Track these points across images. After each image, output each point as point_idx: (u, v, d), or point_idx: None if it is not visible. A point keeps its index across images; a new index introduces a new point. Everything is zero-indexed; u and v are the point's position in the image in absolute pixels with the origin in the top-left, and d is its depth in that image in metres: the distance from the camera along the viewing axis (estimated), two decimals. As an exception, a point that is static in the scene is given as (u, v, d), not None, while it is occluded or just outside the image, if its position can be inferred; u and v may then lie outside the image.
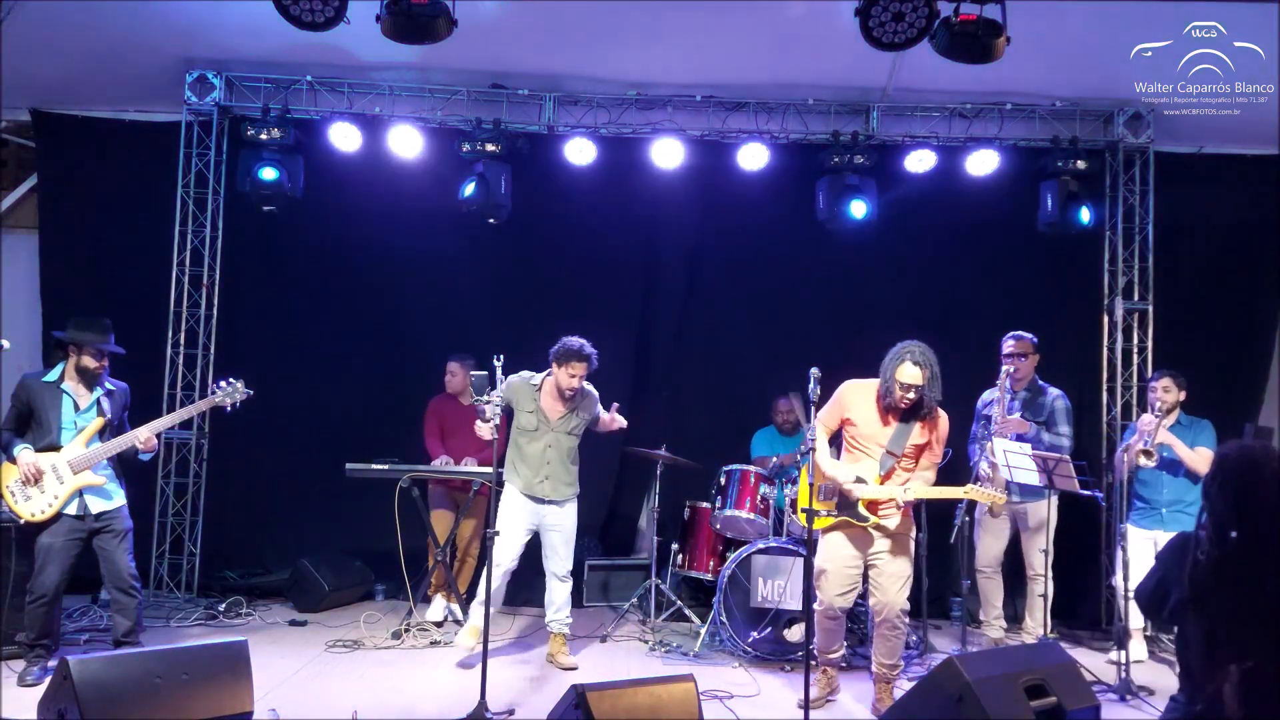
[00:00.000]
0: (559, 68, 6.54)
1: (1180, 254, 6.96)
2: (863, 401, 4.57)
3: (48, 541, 4.71)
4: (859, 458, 4.57)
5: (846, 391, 4.64)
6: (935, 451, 4.57)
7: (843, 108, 6.80)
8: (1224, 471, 2.69)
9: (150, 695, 3.43)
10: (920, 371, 4.36)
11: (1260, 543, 2.55)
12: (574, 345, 5.11)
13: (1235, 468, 2.67)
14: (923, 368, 4.36)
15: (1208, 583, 2.58)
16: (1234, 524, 2.58)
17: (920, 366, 4.36)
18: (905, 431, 4.43)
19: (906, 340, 4.49)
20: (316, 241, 7.00)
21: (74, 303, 6.54)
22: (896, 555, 4.50)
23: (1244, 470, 2.65)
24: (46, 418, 4.77)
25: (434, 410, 6.41)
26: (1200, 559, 2.61)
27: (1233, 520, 2.59)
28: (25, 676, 4.64)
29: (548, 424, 5.26)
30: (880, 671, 4.63)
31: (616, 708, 3.30)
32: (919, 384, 4.35)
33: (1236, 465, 2.68)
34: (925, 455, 4.55)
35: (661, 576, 6.22)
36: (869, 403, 4.56)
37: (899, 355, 4.42)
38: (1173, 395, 5.58)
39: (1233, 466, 2.68)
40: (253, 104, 6.64)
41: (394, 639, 5.66)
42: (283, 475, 7.03)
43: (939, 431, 4.55)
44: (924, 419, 4.48)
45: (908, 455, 4.49)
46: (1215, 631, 2.56)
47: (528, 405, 5.25)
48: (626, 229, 7.18)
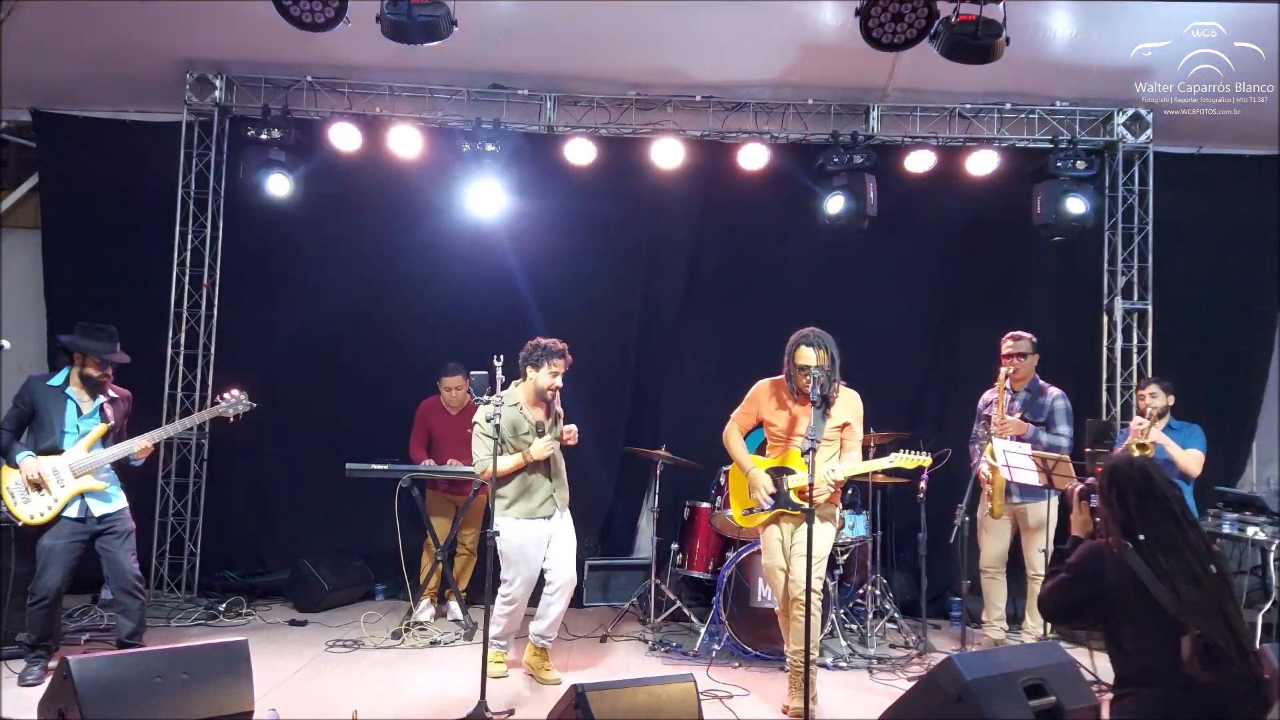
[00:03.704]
0: (559, 68, 6.54)
1: (1180, 254, 6.96)
2: (775, 396, 4.69)
3: (49, 543, 4.72)
4: (784, 450, 4.65)
5: (759, 389, 4.76)
6: (855, 429, 4.64)
7: (843, 108, 6.81)
8: (1118, 484, 2.93)
9: (150, 695, 3.43)
10: (815, 353, 4.44)
11: (1165, 539, 2.82)
12: (551, 344, 4.90)
13: (1128, 479, 2.92)
14: (817, 349, 4.45)
15: (1130, 583, 2.80)
16: (1139, 530, 2.84)
17: (815, 348, 4.45)
18: (820, 417, 4.45)
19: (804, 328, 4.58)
20: (317, 241, 7.01)
21: (76, 302, 6.56)
22: (816, 536, 4.46)
23: (1137, 480, 2.91)
24: (49, 421, 4.80)
25: (421, 418, 6.40)
26: (1120, 565, 2.84)
27: (1137, 526, 2.85)
28: (26, 676, 4.65)
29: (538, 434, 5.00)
30: (793, 661, 4.59)
31: (616, 708, 3.30)
32: (814, 365, 4.41)
33: (1129, 476, 2.92)
34: (847, 435, 4.62)
35: (661, 576, 6.21)
36: (781, 397, 4.66)
37: (795, 340, 4.54)
38: (1160, 401, 5.58)
39: (1125, 478, 2.92)
40: (253, 104, 6.64)
41: (394, 639, 5.66)
42: (283, 475, 7.04)
43: (853, 408, 4.63)
44: (835, 400, 4.53)
45: (828, 440, 4.53)
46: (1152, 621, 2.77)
47: (523, 426, 4.91)
48: (626, 229, 7.18)
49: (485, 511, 4.88)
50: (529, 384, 4.94)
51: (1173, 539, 2.82)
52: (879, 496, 6.11)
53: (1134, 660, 2.82)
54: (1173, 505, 2.89)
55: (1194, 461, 5.44)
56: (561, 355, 4.91)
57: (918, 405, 7.10)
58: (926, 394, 7.17)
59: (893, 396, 6.71)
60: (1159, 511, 2.86)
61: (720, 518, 5.82)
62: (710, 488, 6.04)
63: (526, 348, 4.94)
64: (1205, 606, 2.70)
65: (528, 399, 4.96)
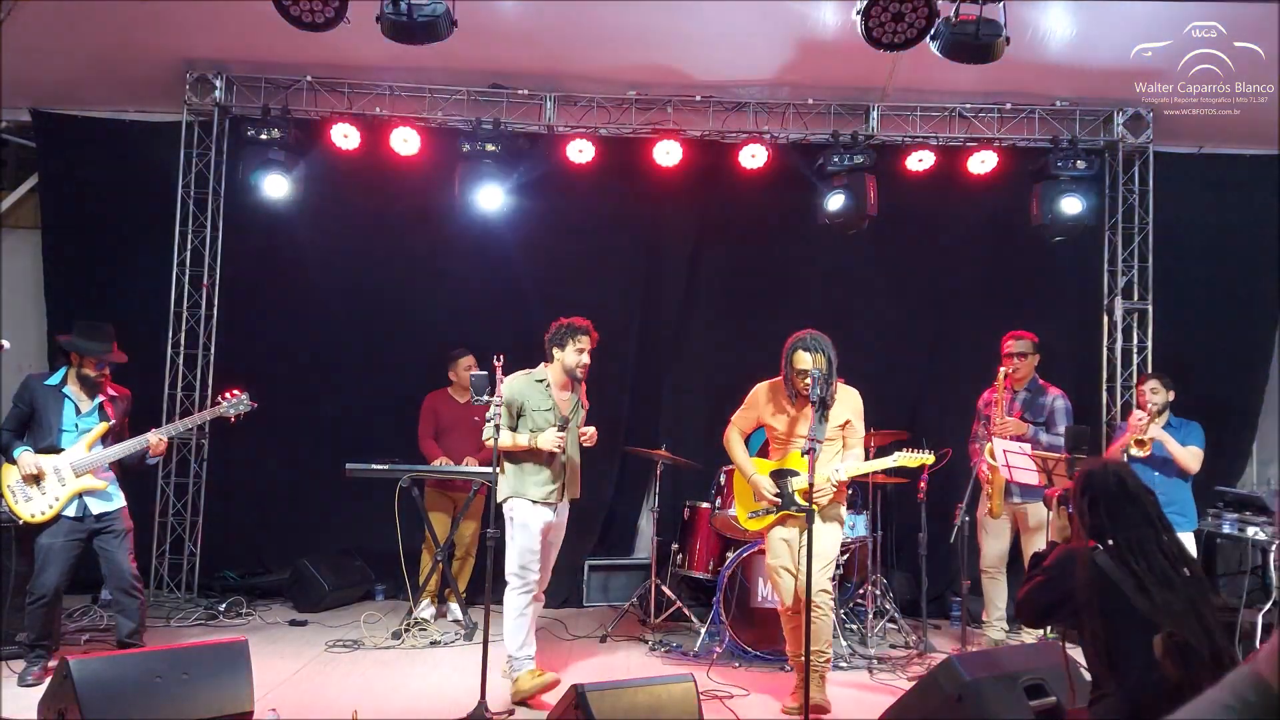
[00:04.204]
0: (559, 68, 6.54)
1: (1180, 254, 6.96)
2: (774, 399, 4.68)
3: (48, 542, 4.71)
4: (785, 452, 4.65)
5: (757, 392, 4.76)
6: (856, 426, 4.65)
7: (843, 108, 6.80)
8: (1092, 488, 2.97)
9: (150, 695, 3.44)
10: (811, 356, 4.44)
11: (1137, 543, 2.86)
12: (575, 321, 4.78)
13: (1102, 483, 2.96)
14: (813, 353, 4.45)
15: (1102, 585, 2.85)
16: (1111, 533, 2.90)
17: (811, 352, 4.45)
18: (821, 417, 4.45)
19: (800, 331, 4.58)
20: (317, 241, 7.00)
21: (75, 302, 6.57)
22: (822, 536, 4.48)
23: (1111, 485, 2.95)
24: (48, 420, 4.79)
25: (429, 407, 6.39)
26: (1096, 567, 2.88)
27: (1108, 531, 2.91)
28: (25, 676, 4.65)
29: (561, 419, 4.84)
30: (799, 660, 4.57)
31: (616, 708, 3.30)
32: (810, 368, 4.41)
33: (1103, 481, 2.97)
34: (849, 433, 4.62)
35: (661, 576, 6.22)
36: (780, 400, 4.66)
37: (792, 344, 4.54)
38: (1160, 396, 5.57)
39: (1099, 483, 2.97)
40: (253, 104, 6.64)
41: (394, 639, 5.66)
42: (283, 475, 7.04)
43: (853, 406, 4.64)
44: (834, 400, 4.53)
45: (830, 439, 4.54)
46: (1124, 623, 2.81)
47: (544, 403, 4.76)
48: (626, 229, 7.18)
49: (485, 511, 4.87)
50: (556, 366, 4.81)
51: (1145, 542, 2.85)
52: (879, 496, 6.11)
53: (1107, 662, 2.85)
54: (1148, 509, 2.92)
55: (1192, 458, 5.43)
56: (586, 331, 4.77)
57: (918, 405, 7.10)
58: (926, 394, 7.16)
59: (893, 396, 6.72)
60: (1133, 515, 2.90)
61: (720, 518, 5.81)
62: (710, 488, 6.03)
63: (550, 329, 4.82)
64: (1178, 608, 2.73)
65: (557, 382, 4.83)
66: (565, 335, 4.77)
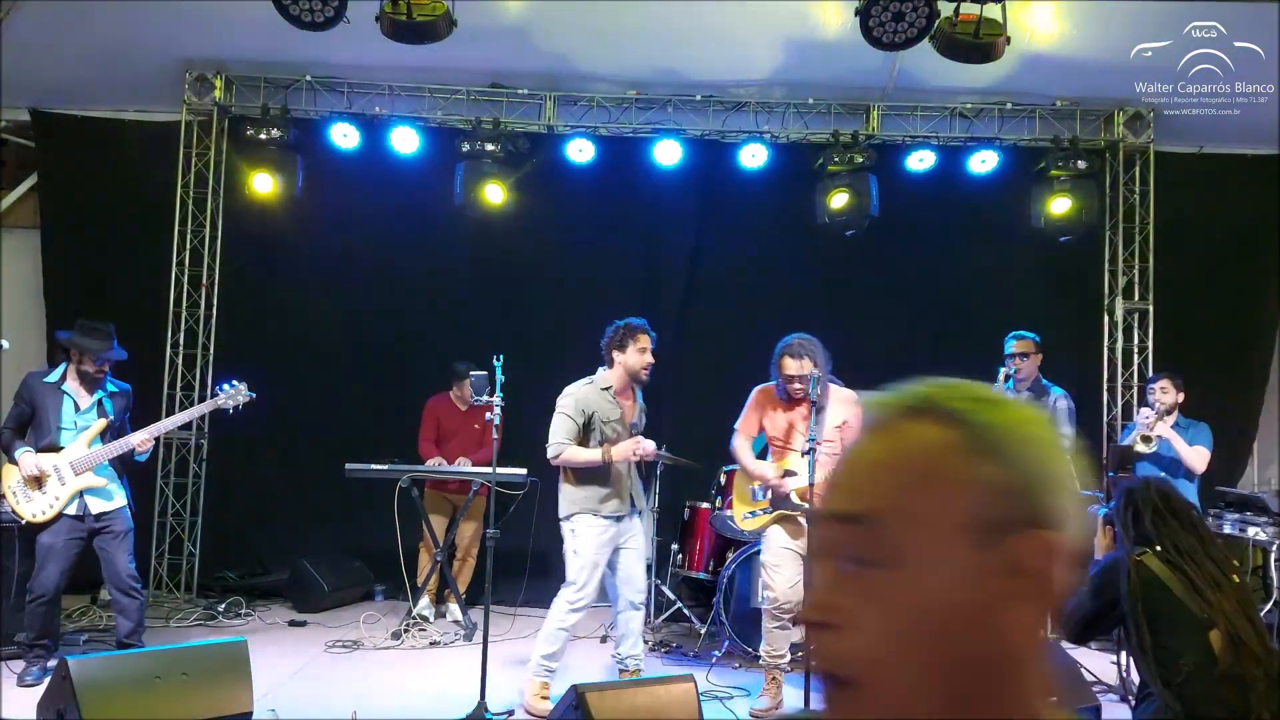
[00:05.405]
0: (559, 68, 6.54)
1: (1180, 254, 6.95)
2: (769, 403, 4.69)
3: (48, 542, 4.71)
4: (785, 454, 4.65)
5: (756, 396, 4.76)
6: (853, 428, 4.58)
7: (843, 108, 6.80)
8: (1134, 504, 3.10)
9: (150, 695, 3.43)
10: (798, 362, 4.44)
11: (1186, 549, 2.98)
12: (633, 320, 4.56)
13: (1145, 498, 3.09)
14: (799, 357, 4.44)
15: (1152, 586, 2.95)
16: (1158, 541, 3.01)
17: (797, 357, 4.44)
18: (819, 418, 4.43)
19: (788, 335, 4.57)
20: (316, 241, 6.99)
21: (75, 301, 6.55)
22: None
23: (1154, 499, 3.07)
24: (46, 417, 4.79)
25: (431, 411, 6.39)
26: None
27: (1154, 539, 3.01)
28: (25, 676, 4.64)
29: (626, 428, 4.61)
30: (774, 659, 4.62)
31: (616, 708, 3.29)
32: (800, 374, 4.42)
33: (1146, 496, 3.09)
34: (847, 434, 4.59)
35: (661, 576, 6.21)
36: (774, 403, 4.67)
37: (780, 351, 4.53)
38: (1171, 396, 5.57)
39: (1143, 498, 3.09)
40: (252, 104, 6.63)
41: (394, 639, 5.66)
42: (283, 475, 7.03)
43: (850, 406, 4.61)
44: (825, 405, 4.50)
45: (829, 440, 4.50)
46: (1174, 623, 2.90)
47: (612, 413, 4.54)
48: (626, 229, 7.18)
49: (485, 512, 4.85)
50: (618, 369, 4.56)
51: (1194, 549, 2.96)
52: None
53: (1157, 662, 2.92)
54: (1194, 521, 3.04)
55: (1199, 458, 5.43)
56: (645, 329, 4.55)
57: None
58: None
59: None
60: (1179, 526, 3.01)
61: (720, 518, 5.81)
62: (710, 488, 6.03)
63: (607, 334, 4.60)
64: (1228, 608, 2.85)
65: (618, 387, 4.60)
66: (625, 336, 4.54)
